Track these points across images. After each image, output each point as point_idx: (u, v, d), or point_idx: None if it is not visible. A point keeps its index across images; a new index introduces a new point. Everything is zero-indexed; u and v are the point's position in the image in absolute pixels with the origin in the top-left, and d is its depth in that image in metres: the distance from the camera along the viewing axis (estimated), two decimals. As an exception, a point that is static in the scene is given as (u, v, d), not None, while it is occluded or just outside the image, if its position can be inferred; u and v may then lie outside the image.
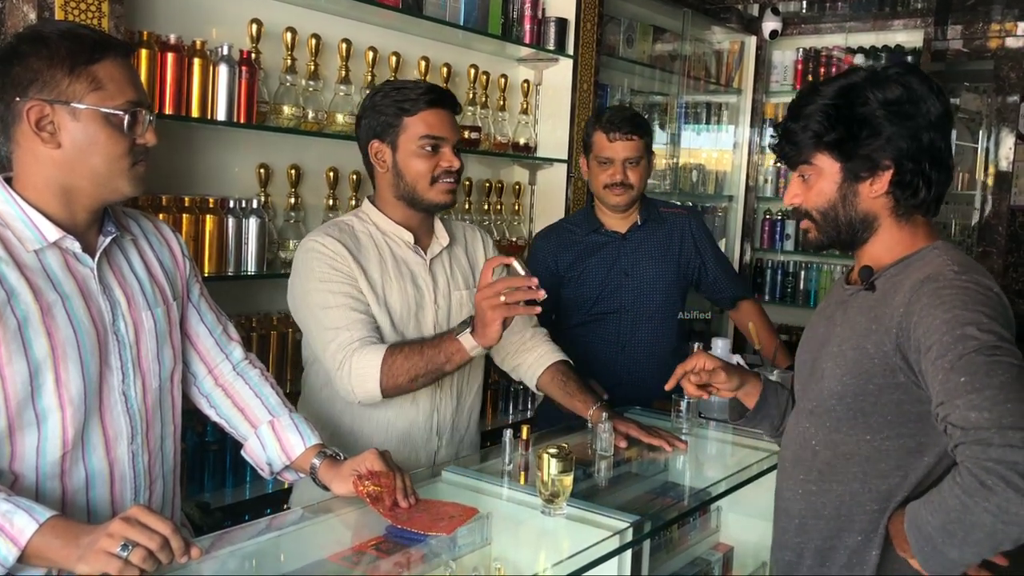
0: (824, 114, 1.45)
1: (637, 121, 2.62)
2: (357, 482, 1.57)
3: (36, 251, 1.43)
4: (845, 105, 1.44)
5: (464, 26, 3.10)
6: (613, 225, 2.70)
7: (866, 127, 1.43)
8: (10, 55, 1.41)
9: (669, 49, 4.46)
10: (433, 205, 2.03)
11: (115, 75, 1.43)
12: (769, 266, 5.00)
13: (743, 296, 2.88)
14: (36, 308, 1.39)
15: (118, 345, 1.50)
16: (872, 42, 4.71)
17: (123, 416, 1.51)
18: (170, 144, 2.48)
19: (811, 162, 1.49)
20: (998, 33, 4.52)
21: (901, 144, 1.42)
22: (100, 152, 1.43)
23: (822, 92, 1.46)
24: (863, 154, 1.44)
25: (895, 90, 1.43)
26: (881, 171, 1.44)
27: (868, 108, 1.42)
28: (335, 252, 1.96)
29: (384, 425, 2.03)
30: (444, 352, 1.87)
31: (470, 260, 2.21)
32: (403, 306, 2.02)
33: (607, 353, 2.64)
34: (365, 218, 2.09)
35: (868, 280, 1.49)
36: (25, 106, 1.39)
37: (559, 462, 1.60)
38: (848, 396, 1.46)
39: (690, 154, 4.76)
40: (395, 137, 2.00)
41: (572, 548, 1.51)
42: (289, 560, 1.54)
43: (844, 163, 1.46)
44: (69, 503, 1.46)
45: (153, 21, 2.40)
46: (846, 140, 1.44)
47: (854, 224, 1.49)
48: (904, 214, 1.48)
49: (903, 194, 1.45)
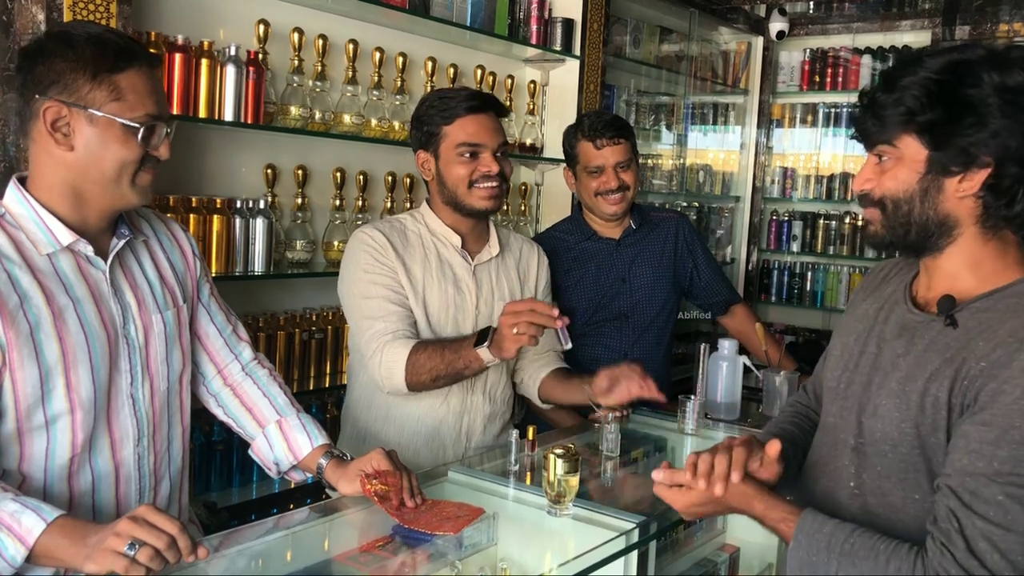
0: (924, 89, 1.20)
1: (620, 123, 2.56)
2: (364, 481, 1.57)
3: (49, 255, 1.43)
4: (952, 83, 1.19)
5: (471, 27, 3.10)
6: (606, 232, 2.64)
7: (971, 113, 1.18)
8: (36, 53, 1.41)
9: (676, 50, 4.45)
10: (475, 210, 2.07)
11: (137, 86, 1.43)
12: (776, 267, 4.99)
13: (736, 300, 2.84)
14: (48, 312, 1.40)
15: (128, 348, 1.51)
16: (880, 43, 4.70)
17: (130, 418, 1.52)
18: (178, 145, 2.46)
19: (894, 143, 1.25)
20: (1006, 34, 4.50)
21: (1010, 141, 1.18)
22: (111, 159, 1.43)
23: (927, 64, 1.22)
24: (960, 145, 1.20)
25: (1018, 76, 1.18)
26: (976, 168, 1.21)
27: (980, 91, 1.18)
28: (380, 245, 2.04)
29: (414, 419, 2.08)
30: (463, 358, 1.91)
31: (520, 273, 2.24)
32: (441, 306, 2.06)
33: (608, 360, 2.58)
34: (419, 218, 2.15)
35: (948, 312, 1.25)
36: (43, 105, 1.39)
37: (565, 462, 1.60)
38: (904, 447, 1.26)
39: (696, 155, 4.75)
40: (437, 146, 2.07)
41: (578, 548, 1.51)
42: (296, 559, 1.55)
43: (933, 151, 1.22)
44: (76, 504, 1.46)
45: (160, 22, 2.40)
46: (943, 124, 1.20)
47: (929, 225, 1.26)
48: (992, 226, 1.24)
49: (996, 201, 1.21)
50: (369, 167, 2.98)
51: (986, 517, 1.12)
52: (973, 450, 1.14)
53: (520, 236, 2.33)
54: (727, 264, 4.82)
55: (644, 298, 2.63)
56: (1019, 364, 1.14)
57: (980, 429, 1.15)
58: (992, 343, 1.18)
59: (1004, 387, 1.14)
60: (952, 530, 1.13)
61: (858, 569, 1.17)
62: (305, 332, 2.78)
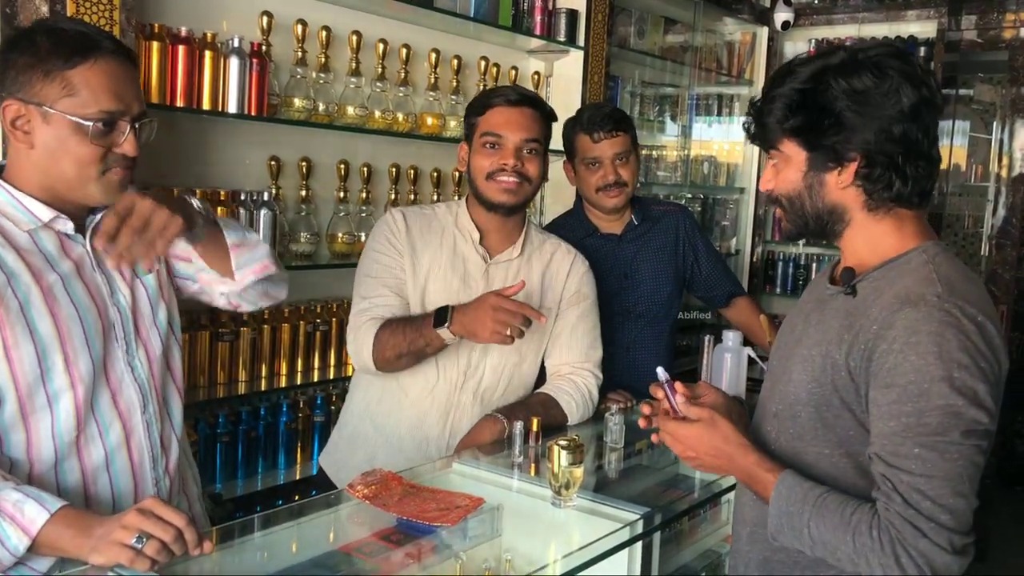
0: (789, 99, 1.35)
1: (619, 116, 2.54)
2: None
3: (30, 232, 1.43)
4: (812, 91, 1.33)
5: (474, 18, 3.10)
6: (608, 227, 2.62)
7: (828, 116, 1.32)
8: (7, 49, 1.41)
9: (680, 40, 4.44)
10: (491, 203, 2.06)
11: (92, 81, 1.40)
12: (780, 259, 4.98)
13: (738, 292, 2.83)
14: (37, 289, 1.40)
15: (120, 317, 1.52)
16: (885, 33, 4.67)
17: (132, 386, 1.53)
18: (181, 137, 2.49)
19: (779, 147, 1.39)
20: (1012, 23, 4.48)
21: (867, 136, 1.31)
22: (68, 158, 1.41)
23: (796, 73, 1.35)
24: (827, 144, 1.34)
25: (865, 79, 1.31)
26: (847, 162, 1.34)
27: (832, 97, 1.32)
28: (396, 228, 2.07)
29: (400, 407, 2.08)
30: (424, 336, 1.92)
31: (544, 280, 2.17)
32: (441, 298, 2.04)
33: (612, 356, 2.58)
34: (452, 209, 2.16)
35: (849, 283, 1.39)
36: (3, 103, 1.40)
37: (570, 454, 1.60)
38: (811, 406, 1.37)
39: (701, 146, 4.74)
40: (471, 137, 2.09)
41: (582, 540, 1.51)
42: (301, 551, 1.55)
43: (809, 152, 1.36)
44: (90, 481, 1.47)
45: (164, 14, 2.40)
46: (809, 129, 1.34)
47: (821, 215, 1.39)
48: (878, 208, 1.37)
49: (873, 187, 1.34)
50: (373, 159, 2.97)
51: (909, 471, 1.23)
52: (884, 414, 1.27)
53: (559, 242, 2.25)
54: (732, 256, 4.81)
55: (647, 293, 2.63)
56: (901, 322, 1.26)
57: (884, 392, 1.26)
58: (880, 306, 1.30)
59: (893, 347, 1.26)
60: (889, 490, 1.25)
61: (826, 520, 1.28)
62: (310, 324, 2.79)
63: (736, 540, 1.55)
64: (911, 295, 1.28)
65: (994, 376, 1.25)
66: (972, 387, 1.22)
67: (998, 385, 1.26)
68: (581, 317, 2.19)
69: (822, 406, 1.36)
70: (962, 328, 1.24)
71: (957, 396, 1.21)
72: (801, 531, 1.30)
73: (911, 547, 1.21)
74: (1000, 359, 1.27)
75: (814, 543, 1.30)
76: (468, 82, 3.27)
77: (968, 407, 1.22)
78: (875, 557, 1.23)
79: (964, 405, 1.21)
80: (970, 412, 1.22)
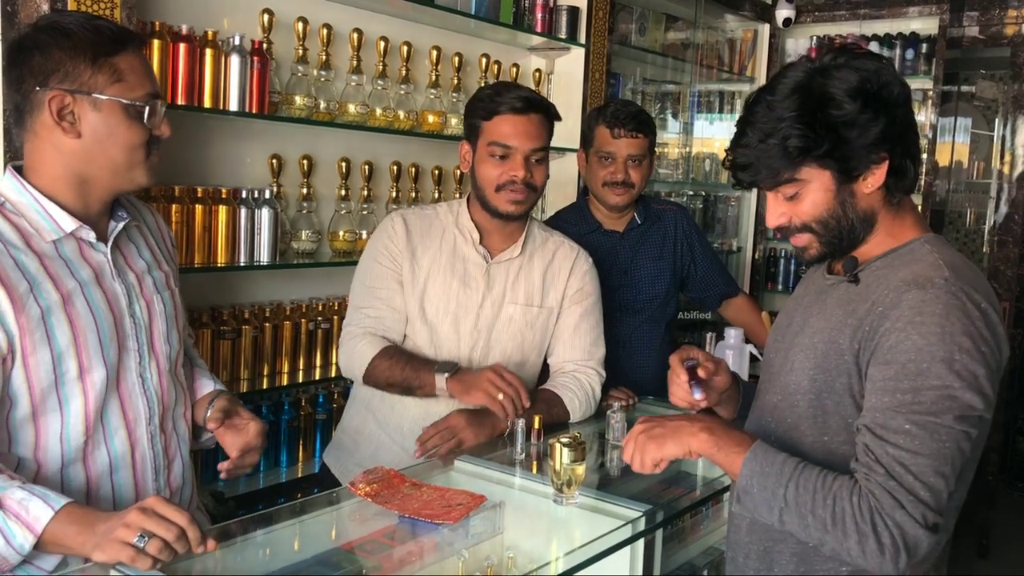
0: (803, 126, 1.30)
1: (643, 118, 2.53)
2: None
3: (53, 241, 1.44)
4: (818, 110, 1.31)
5: (475, 15, 3.09)
6: (610, 224, 2.63)
7: (853, 126, 1.31)
8: (30, 45, 1.42)
9: (682, 37, 4.43)
10: (498, 213, 2.06)
11: (135, 67, 1.46)
12: (782, 256, 4.97)
13: (733, 293, 2.83)
14: (58, 297, 1.41)
15: (135, 328, 1.53)
16: (887, 29, 4.66)
17: (141, 398, 1.54)
18: (182, 135, 2.48)
19: (796, 178, 1.35)
20: (1015, 19, 4.47)
21: (888, 131, 1.32)
22: (119, 142, 1.45)
23: (780, 105, 1.32)
24: (856, 155, 1.33)
25: (852, 79, 1.31)
26: (876, 164, 1.34)
27: (841, 104, 1.30)
28: (395, 233, 2.08)
29: (403, 405, 2.08)
30: (420, 379, 1.97)
31: (546, 279, 2.17)
32: (441, 300, 2.05)
33: (611, 351, 2.57)
34: (453, 208, 2.16)
35: (852, 272, 1.40)
36: (47, 96, 1.40)
37: (571, 451, 1.60)
38: (812, 393, 1.39)
39: (703, 143, 4.73)
40: (476, 140, 2.07)
41: (584, 537, 1.51)
42: (303, 549, 1.55)
43: (836, 168, 1.34)
44: (93, 488, 1.48)
45: (165, 11, 2.40)
46: (837, 146, 1.32)
47: (855, 226, 1.38)
48: (897, 202, 1.39)
49: (897, 181, 1.36)
50: (374, 157, 2.97)
51: (897, 444, 1.25)
52: (879, 388, 1.28)
53: (562, 239, 2.24)
54: (733, 253, 4.80)
55: (646, 290, 2.64)
56: (907, 303, 1.27)
57: (882, 369, 1.28)
58: (885, 290, 1.32)
59: (896, 325, 1.27)
60: (871, 460, 1.26)
61: (806, 484, 1.28)
62: (311, 322, 2.79)
63: (734, 531, 1.54)
64: (919, 278, 1.30)
65: (995, 362, 1.27)
66: (972, 370, 1.24)
67: (998, 371, 1.28)
68: (584, 315, 2.19)
69: (823, 393, 1.38)
70: (967, 312, 1.25)
71: (955, 378, 1.23)
72: (775, 491, 1.30)
73: (888, 516, 1.23)
74: (1002, 347, 1.29)
75: (787, 505, 1.29)
76: (469, 80, 3.26)
77: (965, 391, 1.23)
78: (852, 523, 1.24)
79: (961, 388, 1.23)
80: (966, 396, 1.23)
